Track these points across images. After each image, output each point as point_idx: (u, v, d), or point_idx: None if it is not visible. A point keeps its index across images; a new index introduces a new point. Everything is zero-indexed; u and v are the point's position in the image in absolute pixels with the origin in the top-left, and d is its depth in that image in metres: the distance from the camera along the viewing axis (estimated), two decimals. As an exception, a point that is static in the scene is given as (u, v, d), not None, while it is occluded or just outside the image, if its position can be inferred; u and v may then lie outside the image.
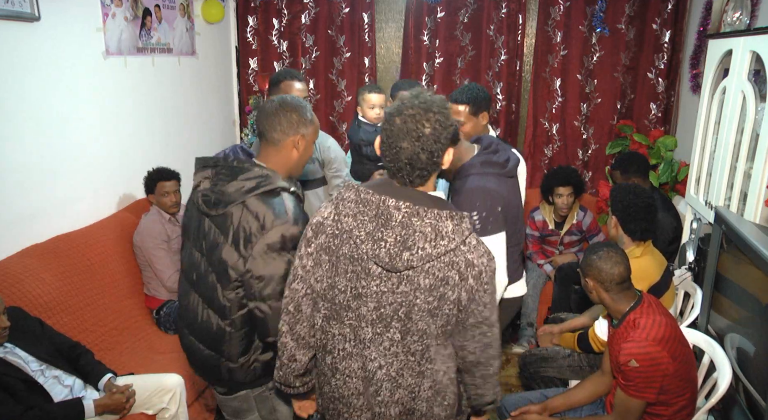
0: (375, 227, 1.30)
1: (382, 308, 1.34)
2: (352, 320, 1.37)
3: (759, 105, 2.23)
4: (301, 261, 1.41)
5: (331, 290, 1.37)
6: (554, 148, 4.05)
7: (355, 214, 1.32)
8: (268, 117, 1.62)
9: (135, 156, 3.04)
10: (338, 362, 1.41)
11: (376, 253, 1.30)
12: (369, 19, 3.95)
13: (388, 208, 1.30)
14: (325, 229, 1.36)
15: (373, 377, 1.39)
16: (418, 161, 1.30)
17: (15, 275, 2.18)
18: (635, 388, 1.72)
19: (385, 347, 1.37)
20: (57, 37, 2.45)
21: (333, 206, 1.37)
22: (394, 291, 1.33)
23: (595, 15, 3.73)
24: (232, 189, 1.56)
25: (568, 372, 2.40)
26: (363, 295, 1.34)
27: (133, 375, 2.22)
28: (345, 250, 1.34)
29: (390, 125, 1.31)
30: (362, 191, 1.33)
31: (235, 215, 1.55)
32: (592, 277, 1.88)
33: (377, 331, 1.36)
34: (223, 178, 1.60)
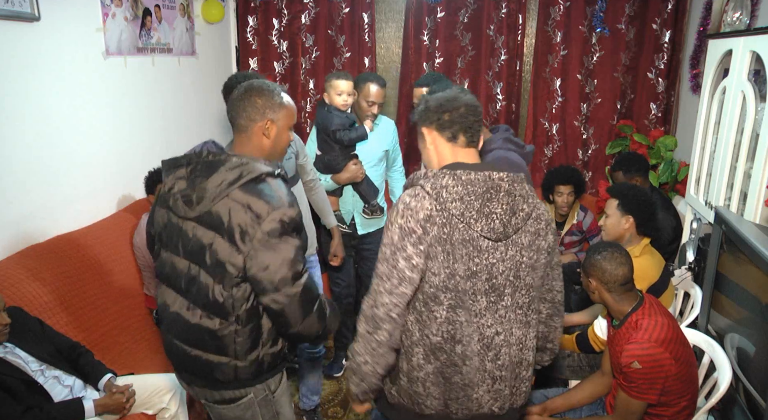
0: (482, 203, 1.38)
1: (494, 279, 1.42)
2: (469, 301, 1.42)
3: (759, 105, 2.23)
4: (410, 261, 1.37)
5: (452, 279, 1.39)
6: (554, 148, 4.05)
7: (462, 196, 1.37)
8: (235, 101, 1.55)
9: (135, 156, 3.04)
10: (467, 348, 1.44)
11: (490, 227, 1.38)
12: (369, 19, 3.95)
13: (495, 181, 1.39)
14: (434, 221, 1.37)
15: (491, 343, 1.46)
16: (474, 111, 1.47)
17: (15, 275, 2.18)
18: (637, 389, 1.72)
19: (501, 315, 1.45)
20: (57, 37, 2.45)
21: (432, 198, 1.38)
22: (504, 259, 1.42)
23: (595, 15, 3.73)
24: (214, 184, 1.46)
25: (568, 372, 2.40)
26: (477, 272, 1.40)
27: (133, 375, 2.22)
28: (456, 235, 1.37)
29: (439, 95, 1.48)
30: (462, 174, 1.39)
31: (223, 211, 1.45)
32: (595, 277, 1.87)
33: (491, 300, 1.43)
34: (200, 174, 1.49)
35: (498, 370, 1.47)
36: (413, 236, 1.37)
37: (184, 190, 1.51)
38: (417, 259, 1.37)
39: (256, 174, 1.48)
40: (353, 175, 2.78)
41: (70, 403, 1.95)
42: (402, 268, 1.37)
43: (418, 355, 1.46)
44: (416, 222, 1.37)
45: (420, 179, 1.42)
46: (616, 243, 2.00)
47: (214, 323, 1.53)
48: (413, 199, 1.39)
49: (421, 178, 1.42)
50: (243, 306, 1.51)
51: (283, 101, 1.59)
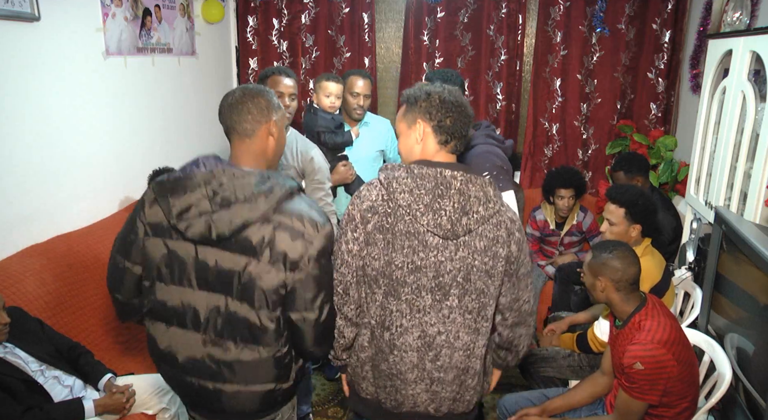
0: (432, 198, 1.39)
1: (441, 277, 1.43)
2: (408, 294, 1.44)
3: (759, 105, 2.23)
4: (347, 245, 1.45)
5: (388, 266, 1.43)
6: (554, 148, 4.05)
7: (411, 189, 1.40)
8: (234, 108, 1.45)
9: (135, 156, 3.04)
10: (396, 338, 1.48)
11: (437, 223, 1.40)
12: (369, 19, 3.95)
13: (446, 178, 1.40)
14: (376, 209, 1.42)
15: (433, 342, 1.47)
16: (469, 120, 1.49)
17: (15, 275, 2.18)
18: (639, 390, 1.72)
19: (444, 314, 1.46)
20: (57, 37, 2.45)
21: (382, 186, 1.43)
22: (453, 258, 1.42)
23: (595, 15, 3.73)
24: (248, 206, 1.35)
25: (568, 372, 2.40)
26: (422, 267, 1.42)
27: (133, 375, 2.22)
28: (401, 226, 1.41)
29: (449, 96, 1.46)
30: (414, 168, 1.42)
31: (261, 234, 1.35)
32: (606, 276, 1.84)
33: (436, 298, 1.44)
34: (226, 194, 1.36)
35: (437, 372, 1.49)
36: (352, 223, 1.45)
37: (210, 210, 1.36)
38: (353, 245, 1.45)
39: (289, 191, 1.39)
40: (342, 177, 2.75)
41: (70, 403, 1.95)
42: (343, 250, 1.47)
43: (364, 336, 1.54)
44: (358, 210, 1.44)
45: (380, 170, 1.48)
46: (624, 242, 1.98)
47: (257, 352, 1.43)
48: (365, 189, 1.47)
49: (381, 169, 1.48)
50: (286, 328, 1.45)
51: (279, 103, 1.55)
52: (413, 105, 1.49)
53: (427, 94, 1.47)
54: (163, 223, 1.41)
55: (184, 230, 1.37)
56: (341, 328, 1.54)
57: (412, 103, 1.49)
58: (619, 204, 2.25)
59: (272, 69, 2.46)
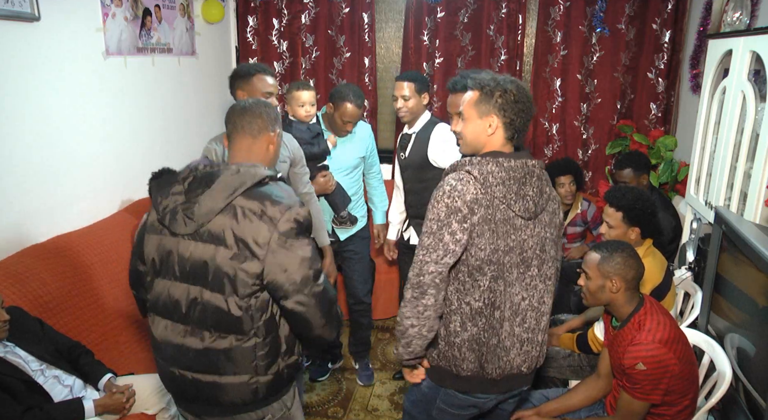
0: (518, 187, 1.56)
1: (524, 252, 1.61)
2: (506, 273, 1.59)
3: (759, 105, 2.23)
4: (454, 236, 1.53)
5: (495, 253, 1.56)
6: (554, 148, 4.05)
7: (504, 181, 1.55)
8: (247, 110, 1.57)
9: (135, 156, 3.04)
10: (504, 313, 1.61)
11: (525, 208, 1.57)
12: (369, 19, 3.95)
13: (529, 167, 1.59)
14: (481, 202, 1.54)
15: (518, 309, 1.63)
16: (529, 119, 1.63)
17: (15, 275, 2.18)
18: (641, 390, 1.72)
19: (527, 283, 1.63)
20: (57, 37, 2.45)
21: (478, 182, 1.54)
22: (532, 235, 1.61)
23: (595, 15, 3.73)
24: (215, 195, 1.41)
25: (568, 372, 2.40)
26: (513, 247, 1.59)
27: (133, 375, 2.22)
28: (498, 215, 1.55)
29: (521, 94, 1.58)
30: (503, 161, 1.56)
31: (227, 222, 1.41)
32: (620, 276, 1.82)
33: (520, 271, 1.61)
34: (198, 185, 1.45)
35: (525, 333, 1.66)
36: (459, 215, 1.53)
37: (184, 203, 1.45)
38: (461, 235, 1.53)
39: (259, 178, 1.44)
40: (322, 187, 2.70)
41: (70, 403, 1.95)
42: (447, 241, 1.53)
43: (455, 323, 1.63)
44: (463, 203, 1.52)
45: (466, 165, 1.57)
46: (626, 242, 1.98)
47: (229, 342, 1.46)
48: (459, 183, 1.54)
49: (467, 165, 1.57)
50: (262, 317, 1.46)
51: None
52: (489, 97, 1.58)
53: (504, 90, 1.57)
54: (156, 218, 1.51)
55: (168, 225, 1.47)
56: (432, 322, 1.59)
57: (488, 95, 1.58)
58: (617, 207, 2.24)
59: (254, 67, 2.34)
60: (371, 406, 2.93)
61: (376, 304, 3.47)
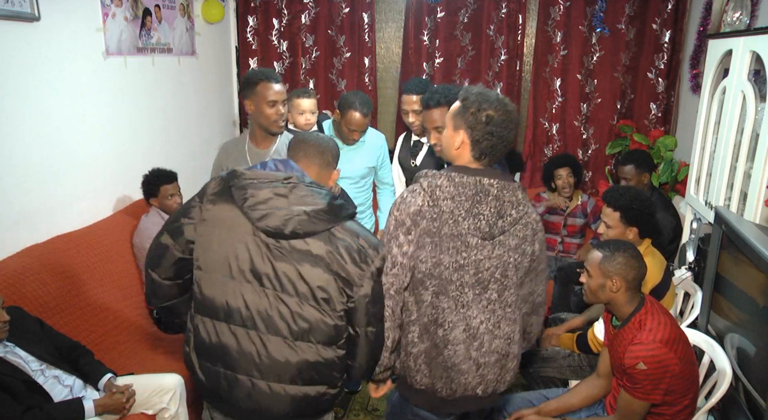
0: (471, 204, 1.52)
1: (480, 273, 1.57)
2: (454, 291, 1.57)
3: (759, 105, 2.23)
4: (401, 248, 1.53)
5: (437, 268, 1.55)
6: (554, 148, 4.05)
7: (453, 196, 1.52)
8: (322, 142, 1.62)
9: (135, 156, 3.04)
10: (449, 333, 1.59)
11: (477, 226, 1.53)
12: (369, 19, 3.95)
13: (484, 186, 1.53)
14: (424, 215, 1.52)
15: (476, 332, 1.60)
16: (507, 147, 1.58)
17: (15, 275, 2.18)
18: (642, 390, 1.72)
19: (484, 305, 1.59)
20: (57, 37, 2.45)
21: (426, 194, 1.53)
22: (490, 256, 1.56)
23: (595, 15, 3.73)
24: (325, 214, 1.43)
25: (568, 372, 2.40)
26: (464, 265, 1.55)
27: (133, 375, 2.22)
28: (445, 230, 1.53)
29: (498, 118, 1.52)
30: (455, 176, 1.53)
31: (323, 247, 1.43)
32: (620, 276, 1.81)
33: (476, 292, 1.58)
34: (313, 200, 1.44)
35: (482, 358, 1.62)
36: (403, 227, 1.53)
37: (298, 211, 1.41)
38: (407, 247, 1.54)
39: (351, 211, 1.51)
40: None
41: (70, 403, 1.95)
42: (395, 253, 1.54)
43: (413, 333, 1.62)
44: (407, 215, 1.53)
45: (420, 177, 1.57)
46: (628, 241, 1.98)
47: (321, 350, 1.49)
48: (409, 195, 1.56)
49: (421, 177, 1.57)
50: (345, 334, 1.52)
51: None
52: (464, 111, 1.55)
53: (479, 109, 1.52)
54: (230, 213, 1.44)
55: (256, 219, 1.40)
56: (394, 334, 1.60)
57: (463, 109, 1.55)
58: (614, 207, 2.25)
59: (259, 74, 2.31)
60: (371, 406, 2.93)
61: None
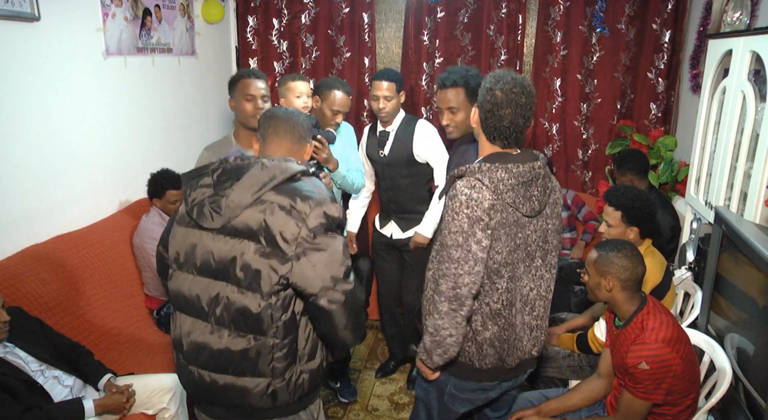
0: (525, 189, 1.60)
1: (528, 247, 1.66)
2: (516, 269, 1.64)
3: (759, 105, 2.23)
4: (480, 244, 1.55)
5: (510, 254, 1.61)
6: (554, 148, 4.05)
7: (513, 187, 1.57)
8: (295, 117, 1.57)
9: (135, 156, 3.04)
10: (518, 310, 1.68)
11: (532, 208, 1.61)
12: (369, 19, 3.95)
13: (535, 169, 1.61)
14: (497, 208, 1.56)
15: (527, 299, 1.70)
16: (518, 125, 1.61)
17: (15, 275, 2.18)
18: (643, 390, 1.72)
19: (533, 274, 1.69)
20: (57, 37, 2.45)
21: (490, 189, 1.55)
22: (535, 230, 1.66)
23: (595, 15, 3.73)
24: (244, 188, 1.38)
25: (568, 372, 2.40)
26: (520, 245, 1.63)
27: (133, 375, 2.22)
28: (511, 219, 1.59)
29: (492, 96, 1.59)
30: (511, 167, 1.57)
31: (256, 216, 1.37)
32: (613, 275, 1.82)
33: (526, 264, 1.67)
34: (228, 178, 1.41)
35: (534, 320, 1.74)
36: (481, 223, 1.54)
37: (212, 196, 1.41)
38: (486, 242, 1.56)
39: (291, 173, 1.41)
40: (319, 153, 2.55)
41: (70, 403, 1.95)
42: (475, 250, 1.55)
43: (476, 322, 1.66)
44: (483, 211, 1.54)
45: (476, 172, 1.57)
46: (630, 242, 1.98)
47: (247, 341, 1.43)
48: (473, 191, 1.55)
49: (477, 172, 1.57)
50: (282, 316, 1.42)
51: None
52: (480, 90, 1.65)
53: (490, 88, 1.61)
54: (185, 211, 1.49)
55: (195, 217, 1.44)
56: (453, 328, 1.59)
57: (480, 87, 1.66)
58: (616, 206, 2.25)
59: (241, 72, 2.41)
60: (371, 406, 2.93)
61: (375, 305, 3.46)
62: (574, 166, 4.05)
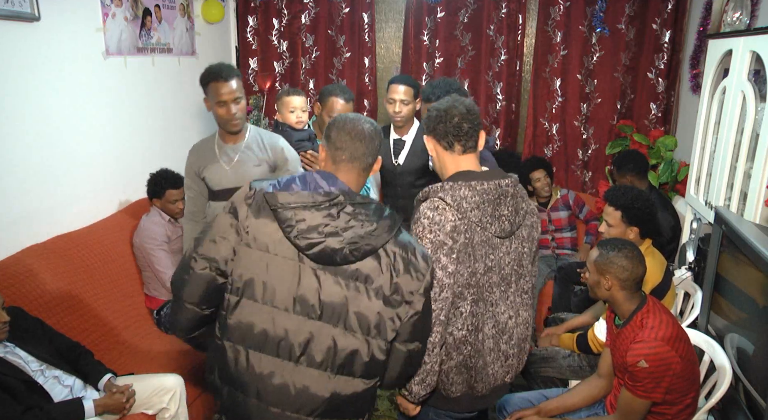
0: (493, 209, 1.55)
1: (503, 270, 1.60)
2: (486, 293, 1.59)
3: (759, 105, 2.23)
4: (446, 270, 1.51)
5: (473, 276, 1.55)
6: (554, 148, 4.05)
7: (478, 205, 1.53)
8: (364, 140, 1.41)
9: (135, 156, 3.04)
10: (486, 335, 1.63)
11: (501, 228, 1.56)
12: (369, 19, 3.95)
13: (502, 187, 1.56)
14: (459, 230, 1.51)
15: (505, 327, 1.65)
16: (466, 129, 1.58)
17: (15, 275, 2.18)
18: (643, 388, 1.72)
19: (510, 301, 1.64)
20: (57, 37, 2.45)
21: (453, 209, 1.51)
22: (509, 252, 1.61)
23: (595, 15, 3.73)
24: (379, 233, 1.32)
25: (568, 372, 2.40)
26: (492, 267, 1.58)
27: (133, 375, 2.22)
28: (476, 238, 1.53)
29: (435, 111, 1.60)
30: (476, 185, 1.53)
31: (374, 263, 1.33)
32: (612, 275, 1.83)
33: (502, 289, 1.62)
34: (363, 219, 1.31)
35: (510, 349, 1.69)
36: (445, 248, 1.50)
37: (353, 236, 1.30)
38: (452, 268, 1.51)
39: (401, 221, 1.37)
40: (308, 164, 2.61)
41: (70, 403, 1.95)
42: (440, 277, 1.51)
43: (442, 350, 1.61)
44: (445, 234, 1.50)
45: (438, 192, 1.53)
46: (630, 241, 1.98)
47: (363, 384, 1.38)
48: (435, 213, 1.51)
49: (439, 191, 1.53)
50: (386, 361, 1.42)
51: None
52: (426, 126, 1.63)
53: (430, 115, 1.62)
54: (272, 236, 1.32)
55: (304, 248, 1.29)
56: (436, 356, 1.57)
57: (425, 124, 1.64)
58: (616, 207, 2.25)
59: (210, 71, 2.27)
60: (371, 406, 2.93)
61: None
62: (574, 166, 4.05)
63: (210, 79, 2.26)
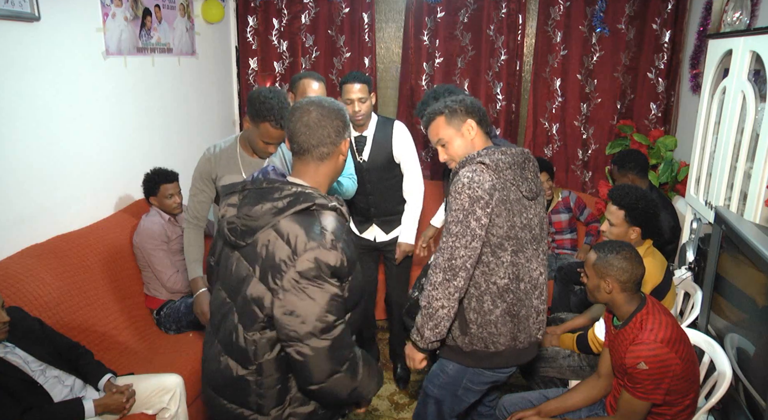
0: (521, 170, 1.76)
1: (533, 230, 1.79)
2: (524, 247, 1.76)
3: (759, 105, 2.23)
4: (479, 221, 1.66)
5: (512, 229, 1.72)
6: (554, 148, 4.05)
7: (510, 165, 1.72)
8: (312, 130, 1.38)
9: (135, 156, 3.04)
10: (528, 284, 1.79)
11: (529, 189, 1.76)
12: (369, 19, 3.95)
13: (526, 153, 1.80)
14: (496, 187, 1.68)
15: (537, 283, 1.82)
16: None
17: (15, 275, 2.18)
18: (642, 390, 1.72)
19: (541, 259, 1.83)
20: (57, 37, 2.45)
21: (491, 169, 1.69)
22: (536, 214, 1.81)
23: (595, 15, 3.73)
24: (260, 212, 1.32)
25: (568, 372, 2.40)
26: (527, 225, 1.76)
27: (133, 375, 2.23)
28: (512, 195, 1.72)
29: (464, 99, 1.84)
30: (506, 149, 1.75)
31: (262, 242, 1.32)
32: (613, 277, 1.82)
33: (534, 247, 1.80)
34: (249, 201, 1.36)
35: (542, 305, 1.85)
36: (482, 201, 1.66)
37: (232, 217, 1.38)
38: (485, 220, 1.67)
39: (309, 203, 1.33)
40: None
41: (70, 403, 1.95)
42: (474, 227, 1.66)
43: (487, 303, 1.76)
44: (483, 191, 1.66)
45: (476, 158, 1.72)
46: (628, 242, 1.98)
47: (233, 370, 1.40)
48: (474, 174, 1.68)
49: (477, 157, 1.72)
50: (266, 355, 1.36)
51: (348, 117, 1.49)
52: (453, 111, 1.80)
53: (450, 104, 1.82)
54: (219, 222, 1.48)
55: (222, 232, 1.43)
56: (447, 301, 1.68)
57: (453, 111, 1.80)
58: (619, 206, 2.25)
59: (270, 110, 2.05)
60: (371, 406, 2.93)
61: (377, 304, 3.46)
62: (574, 166, 4.06)
63: (266, 117, 2.05)
